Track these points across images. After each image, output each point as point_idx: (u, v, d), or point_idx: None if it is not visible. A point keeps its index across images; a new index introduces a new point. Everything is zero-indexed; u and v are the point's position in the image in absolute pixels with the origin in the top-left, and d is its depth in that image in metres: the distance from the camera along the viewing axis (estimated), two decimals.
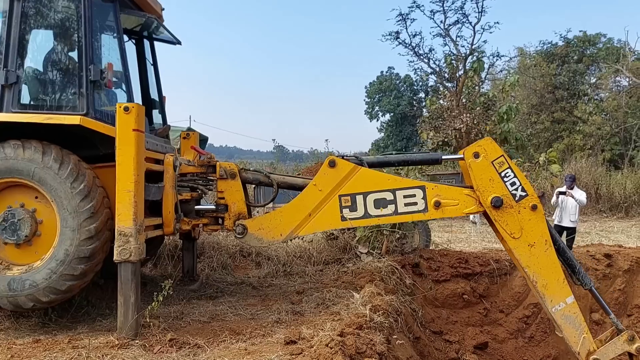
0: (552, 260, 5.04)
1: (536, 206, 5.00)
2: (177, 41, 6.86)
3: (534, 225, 5.01)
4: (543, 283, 5.03)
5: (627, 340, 5.03)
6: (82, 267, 4.85)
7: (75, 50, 5.27)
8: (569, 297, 5.04)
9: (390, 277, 6.72)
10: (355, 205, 5.18)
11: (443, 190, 5.16)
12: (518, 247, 5.03)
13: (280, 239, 5.36)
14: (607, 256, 8.18)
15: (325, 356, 3.79)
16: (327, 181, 5.21)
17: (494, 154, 5.04)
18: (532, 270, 5.03)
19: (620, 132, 29.68)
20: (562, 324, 5.04)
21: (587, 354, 5.02)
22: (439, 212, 5.14)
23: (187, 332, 4.89)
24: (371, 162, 5.43)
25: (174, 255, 8.09)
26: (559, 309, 5.02)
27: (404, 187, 5.16)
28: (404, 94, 47.85)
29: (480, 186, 5.03)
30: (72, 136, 5.11)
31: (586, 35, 33.66)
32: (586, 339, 5.03)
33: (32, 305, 4.88)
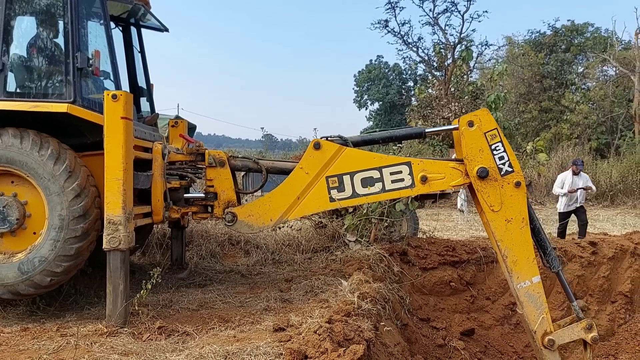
0: (526, 238, 5.10)
1: (520, 183, 5.05)
2: (165, 28, 6.81)
3: (514, 201, 5.07)
4: (513, 259, 5.09)
5: (585, 327, 5.10)
6: (82, 226, 4.82)
7: (61, 38, 5.22)
8: (535, 277, 5.11)
9: (378, 265, 6.76)
10: (343, 186, 5.20)
11: (429, 164, 5.21)
12: (495, 220, 5.09)
13: (270, 225, 5.38)
14: (592, 244, 8.29)
15: (313, 343, 3.83)
16: (313, 163, 5.22)
17: (488, 125, 5.07)
18: (504, 245, 5.09)
19: (606, 121, 29.93)
20: (524, 301, 5.11)
21: (544, 334, 5.09)
22: (426, 187, 5.18)
23: (176, 320, 4.91)
24: (356, 142, 5.43)
25: (162, 244, 8.09)
26: (523, 286, 5.09)
27: (390, 165, 5.19)
28: (393, 82, 47.84)
29: (469, 155, 5.06)
30: (60, 124, 5.08)
31: (574, 24, 33.80)
32: (545, 319, 5.11)
33: (50, 280, 4.84)
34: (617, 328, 7.88)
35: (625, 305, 7.98)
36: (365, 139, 5.58)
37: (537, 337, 5.10)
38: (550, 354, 5.07)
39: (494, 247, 5.26)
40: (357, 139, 5.46)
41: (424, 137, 5.70)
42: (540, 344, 5.09)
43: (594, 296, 8.00)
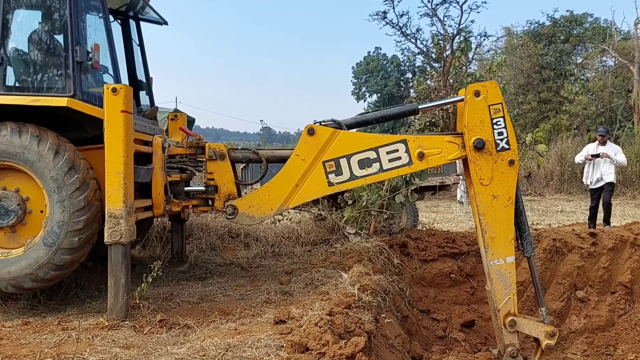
0: (509, 217, 5.10)
1: (513, 162, 5.04)
2: (164, 21, 6.79)
3: (505, 178, 5.06)
4: (491, 235, 5.10)
5: (547, 332, 5.04)
6: (83, 196, 4.82)
7: (60, 31, 5.20)
8: (510, 257, 5.11)
9: (378, 257, 6.77)
10: (340, 169, 5.19)
11: (424, 140, 5.19)
12: (482, 194, 5.08)
13: (271, 214, 5.39)
14: (592, 235, 8.29)
15: (314, 335, 3.84)
16: (308, 149, 5.21)
17: (494, 98, 5.03)
18: (485, 220, 5.09)
19: (605, 112, 29.90)
20: (494, 278, 5.13)
21: (507, 314, 5.11)
22: (423, 163, 5.18)
23: (177, 313, 4.92)
24: (349, 124, 5.41)
25: (162, 237, 8.10)
26: (497, 264, 5.11)
27: (385, 144, 5.16)
28: (391, 74, 47.71)
29: (470, 124, 5.03)
30: (60, 118, 5.06)
31: (573, 15, 33.68)
32: (511, 299, 5.12)
33: (70, 258, 4.84)
34: (617, 319, 7.90)
35: (625, 295, 8.00)
36: (359, 120, 5.54)
37: (500, 316, 5.13)
38: (509, 334, 5.10)
39: (475, 220, 5.28)
40: (350, 121, 5.45)
41: (417, 113, 5.62)
42: (501, 322, 5.12)
43: (594, 287, 8.02)
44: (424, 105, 5.65)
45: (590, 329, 7.85)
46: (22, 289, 4.89)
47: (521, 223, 5.21)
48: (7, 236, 4.96)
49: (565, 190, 21.76)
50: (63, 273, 4.94)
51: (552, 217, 14.33)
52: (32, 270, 4.77)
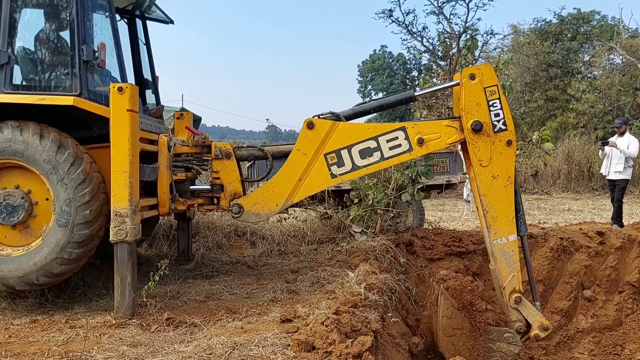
0: (509, 196, 5.22)
1: (511, 142, 5.14)
2: (170, 20, 6.80)
3: (503, 159, 5.15)
4: (493, 215, 5.22)
5: (542, 325, 5.25)
6: (80, 170, 4.84)
7: (67, 30, 5.21)
8: (512, 235, 5.24)
9: (385, 256, 6.76)
10: (342, 160, 5.25)
11: (423, 126, 5.27)
12: (482, 175, 5.18)
13: (277, 210, 5.42)
14: (599, 234, 8.25)
15: (321, 334, 3.84)
16: (309, 143, 5.26)
17: (489, 80, 5.12)
18: (487, 200, 5.20)
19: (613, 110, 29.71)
20: (498, 257, 5.26)
21: (512, 291, 5.26)
22: (423, 149, 5.26)
23: (184, 311, 4.93)
24: (348, 115, 5.46)
25: (169, 235, 8.11)
26: (500, 243, 5.23)
27: (385, 132, 5.24)
28: (397, 72, 47.62)
29: (467, 107, 5.12)
30: (66, 117, 5.08)
31: (580, 12, 33.46)
32: (515, 277, 5.26)
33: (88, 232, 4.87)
34: (625, 318, 7.86)
35: (632, 295, 7.96)
36: (357, 111, 5.57)
37: (506, 293, 5.27)
38: (515, 311, 5.25)
39: (476, 201, 5.37)
40: (348, 112, 5.49)
41: (414, 100, 5.66)
42: (507, 300, 5.26)
43: (602, 286, 7.98)
44: (420, 91, 5.71)
45: (598, 328, 7.82)
46: (53, 276, 4.88)
47: (517, 203, 5.31)
48: (22, 233, 4.99)
49: (573, 189, 21.63)
50: (86, 250, 4.95)
51: (559, 216, 14.25)
52: (56, 254, 4.80)
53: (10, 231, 4.98)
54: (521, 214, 5.35)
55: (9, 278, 4.83)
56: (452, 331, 5.56)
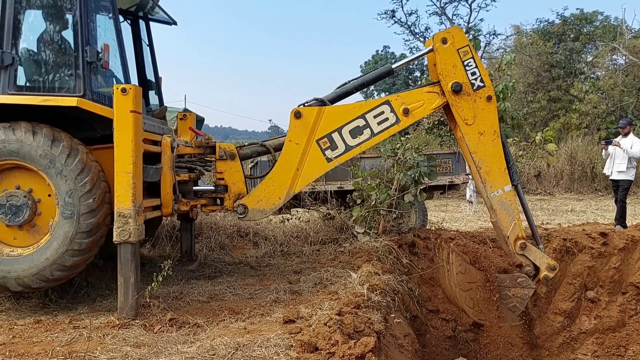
0: (498, 149, 5.49)
1: (491, 97, 5.40)
2: (173, 21, 6.81)
3: (486, 115, 5.42)
4: (486, 169, 5.48)
5: (549, 265, 5.60)
6: (77, 160, 4.85)
7: (71, 31, 5.23)
8: (507, 186, 5.52)
9: (387, 257, 6.76)
10: (335, 143, 5.41)
11: (406, 96, 5.47)
12: (469, 133, 5.43)
13: (280, 203, 5.52)
14: (602, 235, 8.23)
15: (324, 335, 3.84)
16: (299, 133, 5.39)
17: (460, 42, 5.35)
18: (478, 157, 5.46)
19: (616, 110, 29.64)
20: (497, 209, 5.53)
21: (516, 238, 5.55)
22: (410, 118, 5.47)
23: (187, 312, 4.94)
24: (332, 99, 5.60)
25: (172, 236, 8.13)
26: (497, 195, 5.51)
27: (371, 109, 5.43)
28: (400, 73, 47.48)
29: (444, 71, 5.34)
30: (70, 118, 5.09)
31: (583, 13, 33.38)
32: (517, 225, 5.55)
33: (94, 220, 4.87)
34: (628, 319, 7.83)
35: (636, 296, 7.92)
36: (340, 93, 5.69)
37: (510, 242, 5.55)
38: (522, 257, 5.56)
39: (467, 160, 5.61)
40: (332, 95, 5.63)
41: (392, 73, 5.85)
42: (513, 247, 5.54)
43: (605, 287, 7.96)
44: (397, 63, 5.82)
45: (601, 329, 7.80)
46: (66, 269, 4.89)
47: (506, 155, 5.56)
48: (30, 232, 5.01)
49: (576, 190, 21.58)
50: (95, 239, 4.94)
51: (562, 217, 14.23)
52: (66, 247, 4.82)
53: (18, 232, 5.00)
54: (512, 164, 5.58)
55: (24, 277, 4.84)
56: (468, 285, 5.73)
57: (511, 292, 5.59)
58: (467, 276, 5.64)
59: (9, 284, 4.87)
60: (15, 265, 4.85)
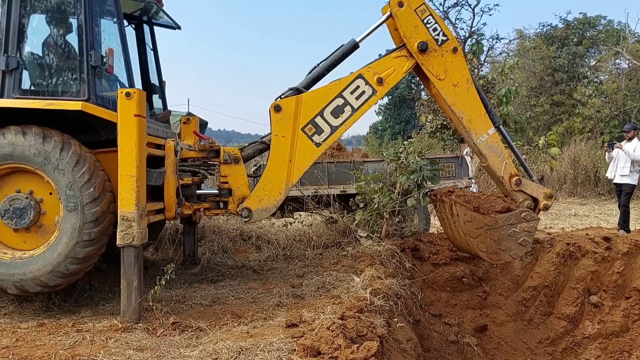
0: (474, 97, 5.67)
1: (456, 49, 5.57)
2: (177, 26, 6.83)
3: (456, 66, 5.59)
4: (468, 118, 5.66)
5: (546, 194, 5.81)
6: (70, 152, 4.89)
7: (75, 36, 5.26)
8: (491, 129, 5.71)
9: (390, 261, 6.76)
10: (320, 127, 5.52)
11: (376, 66, 5.62)
12: (444, 88, 5.60)
13: (282, 197, 5.59)
14: (606, 239, 8.22)
15: (326, 339, 3.84)
16: (283, 125, 5.48)
17: (416, 2, 5.49)
18: (457, 108, 5.64)
19: (619, 114, 29.60)
20: (487, 153, 5.75)
21: (510, 176, 5.79)
22: (385, 86, 5.63)
23: (190, 316, 4.94)
24: (306, 84, 5.70)
25: (175, 240, 8.13)
26: (483, 140, 5.71)
27: (346, 86, 5.55)
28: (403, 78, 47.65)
29: (407, 33, 5.49)
30: (74, 122, 5.11)
31: (586, 17, 33.37)
32: (508, 163, 5.78)
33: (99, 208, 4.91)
34: (632, 324, 7.82)
35: (639, 301, 7.92)
36: (312, 77, 5.77)
37: (505, 181, 5.78)
38: (520, 193, 5.79)
39: (448, 114, 5.81)
40: (306, 81, 5.72)
41: (357, 47, 5.85)
42: (509, 185, 5.78)
43: (608, 292, 7.95)
44: (360, 36, 5.83)
45: (604, 334, 7.79)
46: (80, 261, 4.91)
47: (482, 99, 5.74)
48: (39, 233, 5.05)
49: (579, 194, 21.51)
50: (103, 228, 4.97)
51: (565, 221, 14.19)
52: (75, 239, 4.85)
53: (27, 235, 5.03)
54: (490, 108, 5.75)
55: (41, 276, 4.86)
56: (477, 232, 5.76)
57: (518, 228, 5.70)
58: (474, 223, 5.71)
59: (27, 285, 4.88)
60: (29, 266, 4.87)
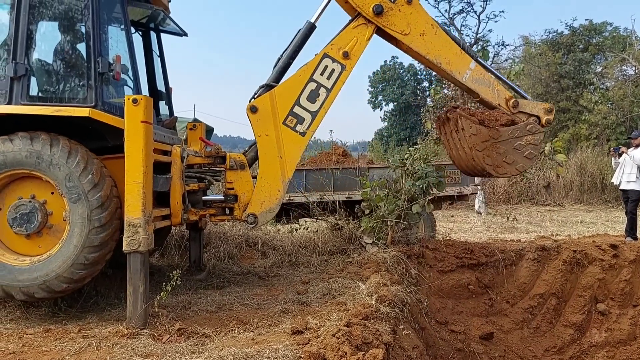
0: (445, 39, 5.74)
1: (411, 0, 5.58)
2: (184, 33, 6.87)
3: (416, 16, 5.64)
4: (446, 61, 5.71)
5: (546, 109, 5.93)
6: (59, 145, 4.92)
7: (83, 43, 5.30)
8: (471, 63, 5.79)
9: (396, 268, 6.74)
10: (300, 116, 5.58)
11: (339, 41, 5.67)
12: (413, 41, 5.64)
13: (282, 194, 5.66)
14: (613, 247, 8.17)
15: (332, 346, 3.83)
16: (264, 124, 5.54)
17: None
18: (433, 55, 5.69)
19: (626, 121, 29.48)
20: (475, 87, 5.81)
21: (506, 100, 5.88)
22: (352, 59, 5.67)
23: (195, 322, 4.94)
24: (275, 78, 5.74)
25: (180, 246, 8.15)
26: (468, 76, 5.78)
27: (315, 69, 5.60)
28: (408, 83, 47.54)
29: (358, 2, 5.54)
30: (81, 128, 5.14)
31: (592, 23, 33.31)
32: (499, 90, 5.88)
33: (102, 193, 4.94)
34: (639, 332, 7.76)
35: None
36: (280, 69, 5.79)
37: (503, 106, 5.87)
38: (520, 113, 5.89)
39: (427, 65, 5.84)
40: (274, 75, 5.75)
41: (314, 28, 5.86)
42: (508, 109, 5.86)
43: (615, 300, 7.89)
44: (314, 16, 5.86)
45: (612, 342, 7.73)
46: (97, 248, 4.93)
47: (452, 39, 5.82)
48: (50, 234, 5.07)
49: (585, 201, 21.42)
50: (111, 211, 4.99)
51: (572, 228, 14.12)
52: (87, 227, 4.89)
53: (40, 239, 5.07)
54: (463, 44, 5.85)
55: (63, 273, 4.87)
56: (482, 145, 5.78)
57: (524, 141, 5.76)
58: (480, 136, 5.72)
59: (52, 284, 4.90)
60: (50, 265, 4.90)
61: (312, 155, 13.51)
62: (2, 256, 4.98)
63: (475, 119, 5.76)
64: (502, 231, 13.53)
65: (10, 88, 5.04)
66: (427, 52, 5.67)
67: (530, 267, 7.88)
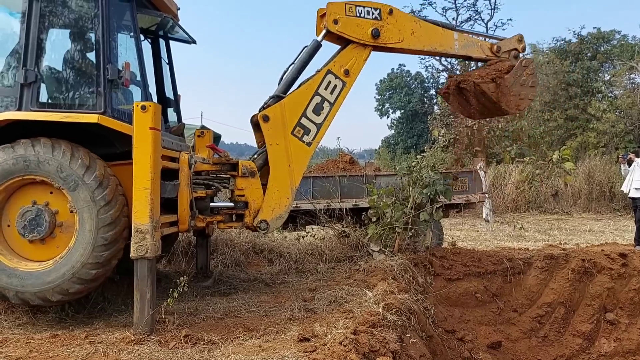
0: (428, 27, 6.34)
1: (391, 10, 6.09)
2: (193, 40, 6.91)
3: (402, 21, 6.19)
4: (438, 44, 6.33)
5: (518, 39, 6.71)
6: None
7: (93, 50, 5.33)
8: (454, 34, 6.48)
9: (403, 276, 6.72)
10: (307, 128, 5.87)
11: (340, 59, 6.06)
12: (409, 44, 6.19)
13: (290, 202, 5.89)
14: (622, 255, 8.11)
15: (339, 354, 3.82)
16: (275, 133, 5.78)
17: (339, 10, 5.91)
18: (427, 46, 6.30)
19: (634, 129, 29.34)
20: (466, 52, 6.56)
21: (489, 50, 6.67)
22: (352, 76, 6.10)
23: (202, 328, 4.93)
24: (283, 90, 5.98)
25: (187, 252, 8.15)
26: (457, 47, 6.47)
27: (320, 83, 5.95)
28: (415, 91, 47.57)
29: (357, 35, 5.98)
30: (90, 134, 5.17)
31: (600, 32, 33.24)
32: (482, 45, 6.68)
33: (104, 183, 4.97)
34: None
35: None
36: (287, 83, 6.05)
37: (491, 55, 6.62)
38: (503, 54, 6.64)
39: (422, 54, 6.59)
40: (282, 88, 6.01)
41: (320, 46, 6.14)
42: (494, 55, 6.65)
43: (625, 309, 7.83)
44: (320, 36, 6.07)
45: (621, 352, 7.66)
46: (111, 225, 4.94)
47: (429, 22, 6.46)
48: (64, 232, 5.07)
49: (594, 209, 21.32)
50: (106, 183, 4.99)
51: (580, 237, 14.05)
52: (97, 206, 4.90)
53: (55, 240, 5.07)
54: (438, 22, 6.49)
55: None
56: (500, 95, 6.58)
57: (524, 75, 6.48)
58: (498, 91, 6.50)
59: (81, 274, 4.89)
60: (73, 257, 4.91)
61: (319, 162, 13.53)
62: (26, 266, 4.99)
63: (488, 78, 6.43)
64: (510, 239, 13.49)
65: (20, 94, 5.07)
66: (423, 46, 6.27)
67: (539, 276, 7.83)
